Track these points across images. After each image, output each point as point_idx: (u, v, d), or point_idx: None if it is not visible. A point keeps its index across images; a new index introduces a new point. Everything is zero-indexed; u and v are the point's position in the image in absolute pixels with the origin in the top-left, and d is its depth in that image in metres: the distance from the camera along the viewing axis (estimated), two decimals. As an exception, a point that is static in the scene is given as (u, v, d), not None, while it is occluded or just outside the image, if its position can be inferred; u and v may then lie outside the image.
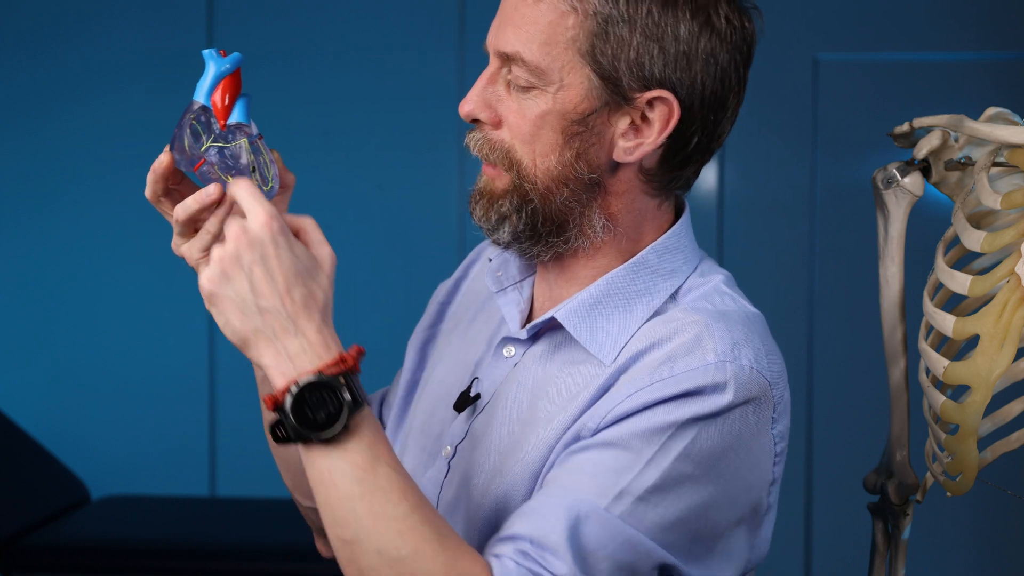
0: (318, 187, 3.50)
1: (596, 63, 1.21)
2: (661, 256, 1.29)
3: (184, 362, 3.59)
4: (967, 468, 1.37)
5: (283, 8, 3.57)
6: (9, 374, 3.62)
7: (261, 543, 2.97)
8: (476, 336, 1.41)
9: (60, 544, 2.97)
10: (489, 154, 1.25)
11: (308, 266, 1.14)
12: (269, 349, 1.12)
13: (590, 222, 1.27)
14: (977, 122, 1.37)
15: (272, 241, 1.12)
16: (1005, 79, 3.42)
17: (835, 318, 3.48)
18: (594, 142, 1.24)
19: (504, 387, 1.31)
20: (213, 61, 1.24)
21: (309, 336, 1.12)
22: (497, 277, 1.37)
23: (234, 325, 1.12)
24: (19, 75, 3.61)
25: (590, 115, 1.23)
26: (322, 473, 1.12)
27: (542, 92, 1.22)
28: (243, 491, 3.50)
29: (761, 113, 3.45)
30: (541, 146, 1.23)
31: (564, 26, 1.21)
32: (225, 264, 1.12)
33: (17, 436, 3.28)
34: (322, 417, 1.10)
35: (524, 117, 1.23)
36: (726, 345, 1.20)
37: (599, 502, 1.14)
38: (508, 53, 1.22)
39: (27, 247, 3.63)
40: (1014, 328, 1.28)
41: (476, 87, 1.25)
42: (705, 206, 3.50)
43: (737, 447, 1.19)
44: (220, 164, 1.24)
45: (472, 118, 1.26)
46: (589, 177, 1.25)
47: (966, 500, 3.31)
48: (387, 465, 1.12)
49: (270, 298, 1.11)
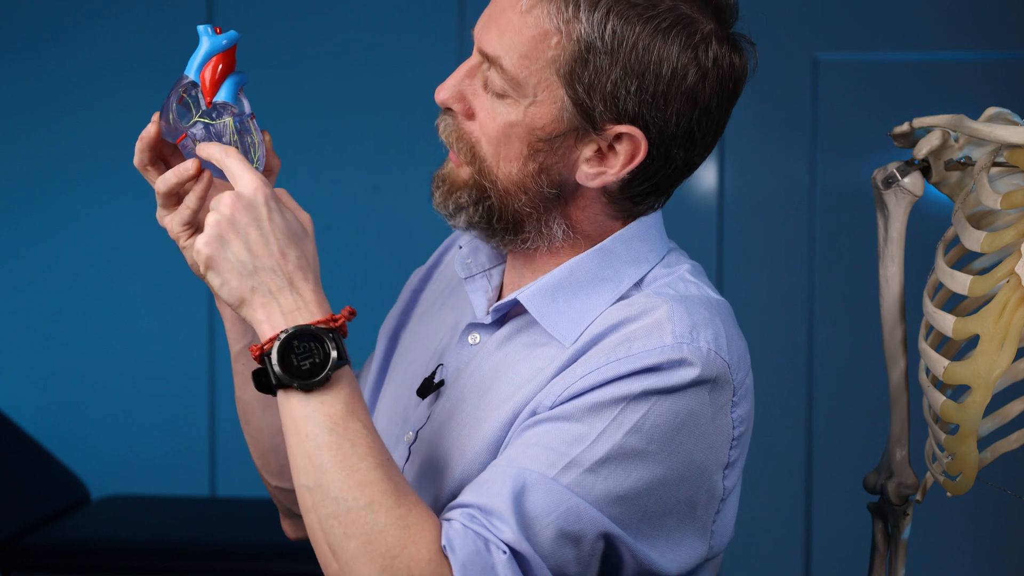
0: (315, 188, 3.50)
1: (571, 88, 1.21)
2: (627, 244, 1.29)
3: (184, 362, 3.59)
4: (967, 468, 1.37)
5: (282, 8, 3.57)
6: (9, 374, 3.62)
7: (261, 543, 2.97)
8: (442, 323, 1.42)
9: (60, 544, 2.97)
10: (455, 143, 1.26)
11: (297, 229, 1.19)
12: (264, 306, 1.16)
13: (548, 227, 1.28)
14: (977, 122, 1.37)
15: (265, 204, 1.17)
16: (1005, 79, 3.42)
17: (835, 318, 3.48)
18: (557, 161, 1.24)
19: (466, 372, 1.32)
20: (206, 37, 1.25)
21: (304, 294, 1.17)
22: (466, 264, 1.38)
23: (232, 285, 1.17)
24: (19, 75, 3.61)
25: (557, 136, 1.23)
26: (296, 421, 1.15)
27: (515, 102, 1.22)
28: (243, 491, 3.50)
29: (761, 113, 3.45)
30: (506, 151, 1.24)
31: (547, 44, 1.20)
32: (222, 228, 1.16)
33: (17, 436, 3.28)
34: (307, 366, 1.14)
35: (494, 120, 1.23)
36: (684, 327, 1.21)
37: (547, 472, 1.16)
38: (489, 54, 1.22)
39: (27, 247, 3.63)
40: (1014, 328, 1.28)
41: (455, 75, 1.26)
42: (705, 206, 3.50)
43: (691, 426, 1.20)
44: (213, 138, 1.25)
45: (446, 106, 1.26)
46: (549, 191, 1.25)
47: (966, 500, 3.31)
48: (359, 422, 1.16)
49: (266, 259, 1.16)
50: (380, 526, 1.13)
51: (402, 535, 1.13)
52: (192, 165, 1.25)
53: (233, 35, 1.25)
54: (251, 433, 1.45)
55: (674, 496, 1.21)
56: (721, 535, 1.28)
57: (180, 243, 1.29)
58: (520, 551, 1.13)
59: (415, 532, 1.13)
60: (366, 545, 1.12)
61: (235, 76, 1.26)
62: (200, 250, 1.16)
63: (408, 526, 1.13)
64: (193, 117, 1.25)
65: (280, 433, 1.44)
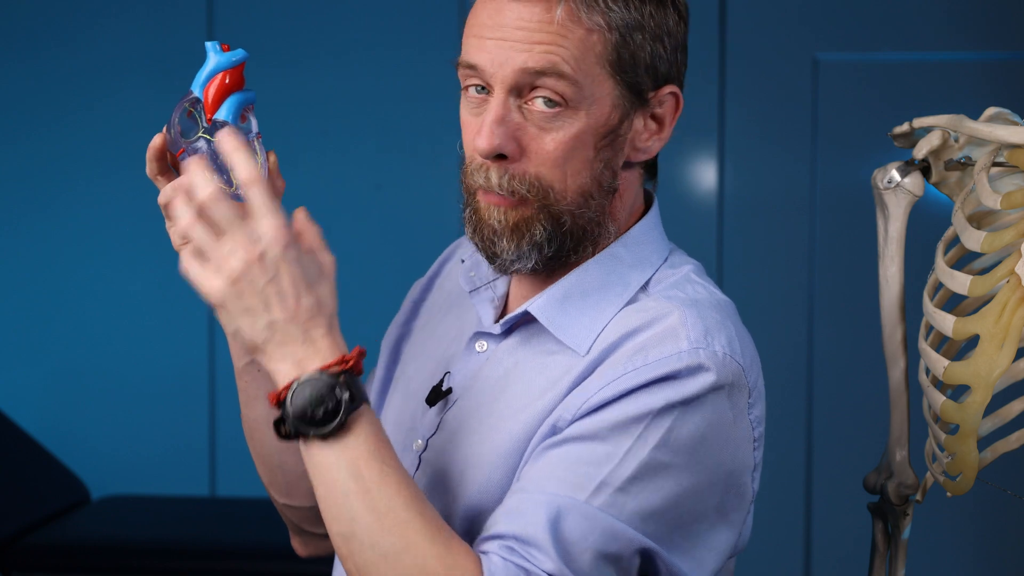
0: (317, 187, 3.50)
1: (622, 73, 1.22)
2: (630, 248, 1.30)
3: (184, 362, 3.59)
4: (967, 468, 1.37)
5: (283, 8, 3.57)
6: (9, 374, 3.62)
7: (261, 543, 2.97)
8: (447, 332, 1.41)
9: (60, 544, 2.97)
10: (519, 188, 1.23)
11: (316, 274, 1.15)
12: (277, 355, 1.14)
13: (603, 228, 1.28)
14: (977, 122, 1.37)
15: (283, 256, 1.13)
16: (1005, 79, 3.42)
17: (835, 318, 3.48)
18: (618, 149, 1.25)
19: (475, 380, 1.31)
20: (213, 53, 1.25)
21: (318, 342, 1.14)
22: (470, 277, 1.37)
23: (244, 333, 1.14)
24: (19, 75, 3.61)
25: (620, 124, 1.24)
26: (320, 468, 1.14)
27: (573, 112, 1.21)
28: (243, 491, 3.50)
29: (761, 113, 3.45)
30: (573, 166, 1.23)
31: (591, 42, 1.21)
32: (235, 278, 1.12)
33: (17, 436, 3.28)
34: (320, 414, 1.12)
35: (552, 141, 1.22)
36: (699, 332, 1.21)
37: (578, 495, 1.16)
38: (540, 68, 1.20)
39: (27, 247, 3.63)
40: (1014, 328, 1.28)
41: (489, 120, 1.22)
42: (705, 206, 3.50)
43: (715, 434, 1.20)
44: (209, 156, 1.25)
45: (496, 153, 1.22)
46: (610, 184, 1.26)
47: (966, 500, 3.31)
48: (383, 462, 1.14)
49: (281, 312, 1.13)
50: (420, 568, 1.12)
51: (444, 574, 1.12)
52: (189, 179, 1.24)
53: (241, 54, 1.25)
54: (256, 450, 1.45)
55: (705, 504, 1.21)
56: (744, 535, 1.29)
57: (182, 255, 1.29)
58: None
59: (456, 570, 1.12)
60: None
61: (240, 95, 1.25)
62: (211, 296, 1.13)
63: (450, 566, 1.12)
64: (198, 132, 1.26)
65: (286, 450, 1.43)
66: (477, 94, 1.25)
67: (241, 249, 1.12)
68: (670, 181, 3.44)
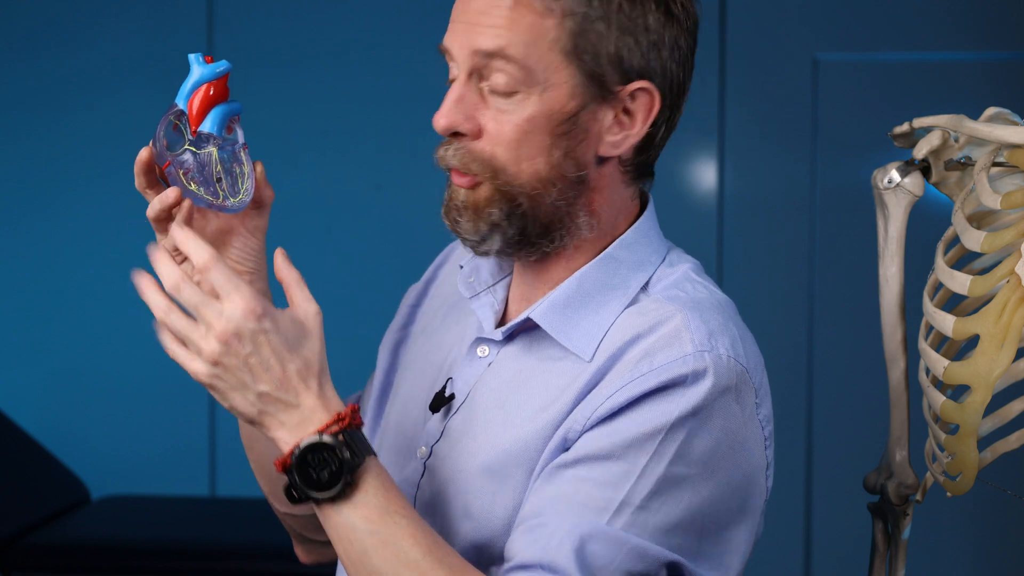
0: (317, 187, 3.50)
1: (580, 60, 1.22)
2: (629, 249, 1.30)
3: (184, 362, 3.59)
4: (967, 468, 1.37)
5: (283, 8, 3.57)
6: (9, 374, 3.62)
7: (261, 543, 2.97)
8: (446, 337, 1.41)
9: (60, 544, 2.97)
10: (471, 164, 1.24)
11: (297, 335, 1.16)
12: (274, 424, 1.15)
13: (575, 220, 1.27)
14: (977, 122, 1.37)
15: (259, 329, 1.14)
16: (1005, 79, 3.42)
17: (835, 318, 3.48)
18: (581, 139, 1.24)
19: (480, 386, 1.31)
20: (197, 65, 1.25)
21: (308, 404, 1.15)
22: (469, 283, 1.37)
23: (238, 409, 1.16)
24: (19, 75, 3.61)
25: (577, 113, 1.23)
26: (336, 528, 1.15)
27: (527, 95, 1.22)
28: (243, 491, 3.49)
29: (761, 113, 3.45)
30: (528, 149, 1.23)
31: (544, 27, 1.21)
32: (217, 360, 1.14)
33: (17, 436, 3.28)
34: (325, 476, 1.13)
35: (508, 123, 1.22)
36: (702, 335, 1.21)
37: (600, 518, 1.16)
38: (490, 50, 1.21)
39: (27, 247, 3.63)
40: (1014, 328, 1.28)
41: (449, 99, 1.24)
42: (705, 206, 3.50)
43: (728, 440, 1.20)
44: (192, 169, 1.25)
45: (452, 130, 1.24)
46: (576, 175, 1.25)
47: (966, 500, 3.31)
48: (396, 513, 1.15)
49: (267, 382, 1.14)
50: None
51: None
52: (172, 194, 1.25)
53: (224, 65, 1.25)
54: (256, 460, 1.45)
55: (726, 510, 1.21)
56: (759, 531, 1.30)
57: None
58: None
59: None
60: None
61: (225, 106, 1.25)
62: (198, 377, 1.15)
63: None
64: (184, 144, 1.26)
65: None
66: (450, 79, 1.26)
67: (215, 329, 1.13)
68: (670, 181, 3.44)
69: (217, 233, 1.33)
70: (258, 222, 1.33)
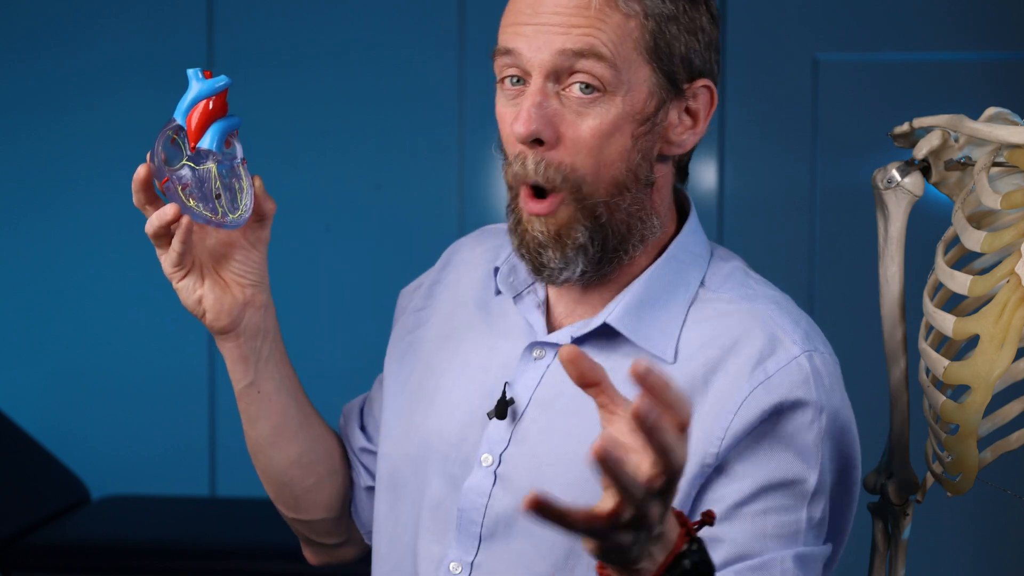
0: (317, 187, 3.49)
1: (658, 61, 1.24)
2: (685, 247, 1.32)
3: (184, 362, 3.59)
4: (967, 468, 1.37)
5: (283, 8, 3.57)
6: (9, 374, 3.62)
7: (261, 543, 2.97)
8: (482, 340, 1.37)
9: (60, 544, 2.97)
10: (553, 176, 1.22)
11: None
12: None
13: (648, 224, 1.28)
14: (977, 122, 1.37)
15: None
16: (1005, 79, 3.42)
17: (835, 318, 3.47)
18: (654, 139, 1.26)
19: (544, 391, 1.29)
20: (196, 81, 1.24)
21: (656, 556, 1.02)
22: (509, 283, 1.36)
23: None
24: (19, 75, 3.61)
25: (656, 112, 1.25)
26: None
27: (610, 97, 1.22)
28: (243, 491, 3.50)
29: (761, 113, 3.45)
30: (608, 155, 1.23)
31: (628, 27, 1.22)
32: None
33: (17, 436, 3.28)
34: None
35: (589, 128, 1.22)
36: (800, 335, 1.27)
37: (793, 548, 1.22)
38: (580, 49, 1.20)
39: (27, 247, 3.63)
40: (1014, 328, 1.28)
41: (528, 105, 1.21)
42: (705, 206, 3.49)
43: (848, 435, 1.29)
44: (190, 185, 1.24)
45: (534, 138, 1.22)
46: (647, 177, 1.26)
47: (966, 500, 3.31)
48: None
49: None
50: None
51: None
52: (171, 210, 1.25)
53: (224, 80, 1.24)
54: (262, 469, 1.45)
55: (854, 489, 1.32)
56: None
57: (173, 284, 1.30)
58: None
59: None
60: None
61: (224, 121, 1.25)
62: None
63: None
64: (182, 160, 1.25)
65: (294, 466, 1.43)
66: (513, 85, 1.24)
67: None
68: (670, 181, 3.44)
69: (218, 246, 1.32)
70: (260, 234, 1.32)
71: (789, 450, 1.22)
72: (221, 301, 1.31)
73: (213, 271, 1.32)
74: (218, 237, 1.31)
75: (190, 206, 1.24)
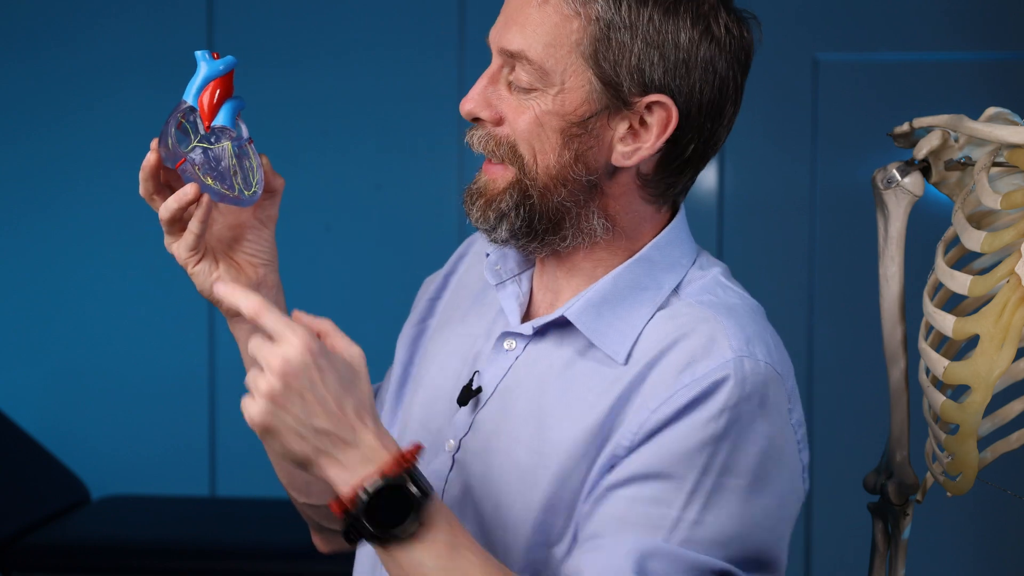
0: (317, 187, 3.50)
1: (598, 67, 1.22)
2: (662, 251, 1.30)
3: (184, 362, 3.59)
4: (967, 468, 1.37)
5: (283, 8, 3.57)
6: (9, 374, 3.62)
7: (261, 543, 2.97)
8: (471, 329, 1.40)
9: (60, 544, 2.97)
10: (495, 149, 1.26)
11: (348, 375, 1.15)
12: (331, 465, 1.13)
13: (588, 222, 1.28)
14: (977, 122, 1.37)
15: (315, 365, 1.12)
16: (1005, 79, 3.42)
17: (835, 318, 3.48)
18: (592, 145, 1.25)
19: (508, 380, 1.31)
20: (204, 62, 1.26)
21: (368, 442, 1.13)
22: (496, 271, 1.37)
23: (293, 450, 1.13)
24: (19, 75, 3.61)
25: (589, 118, 1.24)
26: (402, 567, 1.14)
27: (543, 93, 1.23)
28: (243, 491, 3.50)
29: (761, 113, 3.45)
30: (540, 144, 1.24)
31: (568, 29, 1.22)
32: (275, 397, 1.11)
33: (17, 436, 3.28)
34: (395, 517, 1.12)
35: (523, 116, 1.24)
36: (740, 341, 1.22)
37: (657, 536, 1.17)
38: (512, 51, 1.23)
39: (27, 247, 3.63)
40: (1014, 328, 1.28)
41: (477, 86, 1.27)
42: (705, 206, 3.50)
43: (771, 445, 1.22)
44: (204, 165, 1.25)
45: (473, 116, 1.27)
46: (587, 179, 1.25)
47: (966, 500, 3.31)
48: (465, 548, 1.15)
49: (325, 419, 1.12)
50: None
51: None
52: (191, 190, 1.25)
53: (231, 60, 1.26)
54: (274, 457, 1.45)
55: (776, 515, 1.22)
56: None
57: (189, 269, 1.30)
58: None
59: None
60: None
61: (233, 101, 1.26)
62: (254, 420, 1.12)
63: None
64: (192, 142, 1.26)
65: None
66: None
67: (273, 367, 1.11)
68: (670, 181, 3.44)
69: (226, 229, 1.33)
70: (269, 212, 1.34)
71: (676, 444, 1.19)
72: (236, 283, 1.32)
73: (226, 254, 1.34)
74: (225, 221, 1.33)
75: (208, 184, 1.25)
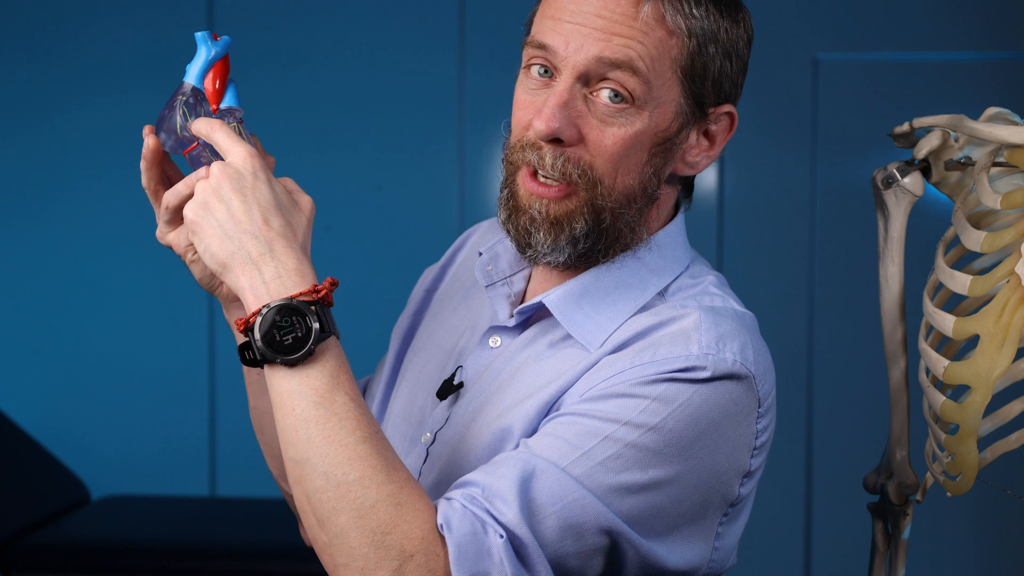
0: (317, 187, 3.48)
1: (690, 82, 1.23)
2: (653, 252, 1.29)
3: (184, 362, 3.59)
4: (967, 468, 1.37)
5: (283, 8, 3.57)
6: (9, 374, 3.62)
7: (261, 543, 2.97)
8: (458, 324, 1.40)
9: (60, 544, 2.97)
10: (572, 172, 1.22)
11: (287, 203, 1.19)
12: (246, 273, 1.15)
13: (638, 237, 1.27)
14: (977, 122, 1.37)
15: (252, 173, 1.17)
16: (1005, 79, 3.42)
17: (835, 318, 3.48)
18: (669, 158, 1.25)
19: (485, 375, 1.31)
20: (206, 45, 1.24)
21: (287, 262, 1.16)
22: (487, 272, 1.36)
23: (213, 250, 1.16)
24: (19, 75, 3.61)
25: (677, 133, 1.24)
26: (282, 395, 1.14)
27: (637, 110, 1.21)
28: (243, 491, 3.50)
29: (761, 113, 3.45)
30: (626, 164, 1.22)
31: (669, 45, 1.21)
32: (207, 194, 1.16)
33: (17, 436, 3.28)
34: (289, 341, 1.12)
35: (612, 135, 1.21)
36: (711, 338, 1.20)
37: (559, 461, 1.15)
38: (617, 60, 1.19)
39: (27, 247, 3.63)
40: (1014, 328, 1.28)
41: (553, 103, 1.21)
42: (705, 206, 3.50)
43: (711, 430, 1.19)
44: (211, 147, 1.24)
45: (554, 136, 1.21)
46: (653, 192, 1.26)
47: (966, 500, 3.31)
48: (346, 394, 1.14)
49: (248, 225, 1.15)
50: (371, 501, 1.10)
51: (394, 512, 1.11)
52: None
53: (228, 41, 1.26)
54: (266, 443, 1.45)
55: (690, 497, 1.19)
56: (725, 550, 1.27)
57: (187, 258, 1.29)
58: (519, 535, 1.11)
59: (408, 510, 1.11)
60: (356, 520, 1.10)
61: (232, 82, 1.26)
62: (186, 215, 1.17)
63: (400, 504, 1.11)
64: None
65: None
66: (540, 76, 1.24)
67: (213, 171, 1.17)
68: (670, 181, 3.44)
69: None
70: None
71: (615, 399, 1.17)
72: None
73: None
74: None
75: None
